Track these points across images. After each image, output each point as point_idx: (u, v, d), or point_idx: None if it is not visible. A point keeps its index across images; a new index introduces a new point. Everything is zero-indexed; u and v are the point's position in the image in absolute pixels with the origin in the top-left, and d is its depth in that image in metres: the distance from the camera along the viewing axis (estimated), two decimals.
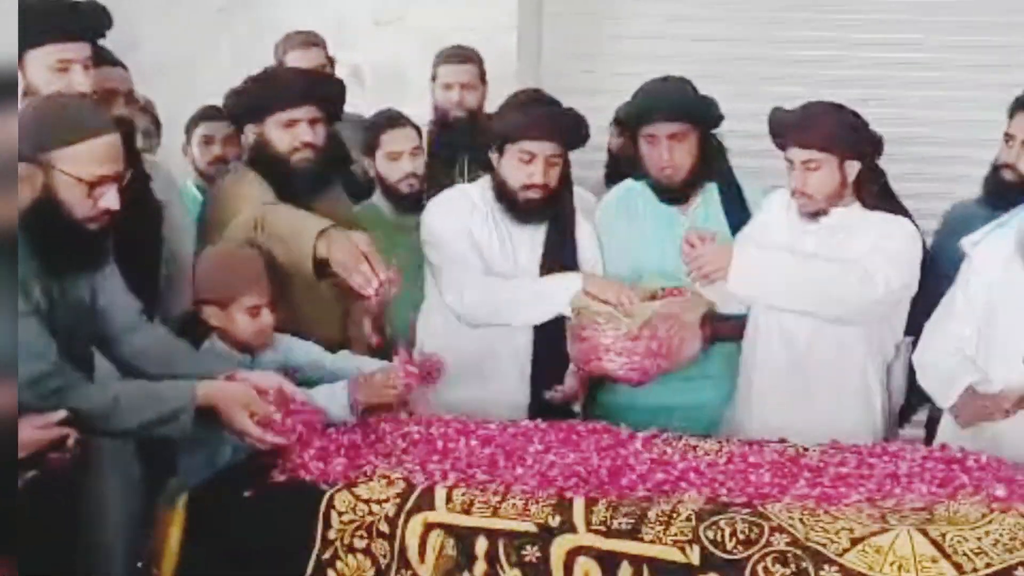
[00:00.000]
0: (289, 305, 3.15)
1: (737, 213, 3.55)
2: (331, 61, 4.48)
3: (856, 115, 3.28)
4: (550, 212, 3.45)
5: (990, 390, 3.01)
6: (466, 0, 5.16)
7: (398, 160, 3.86)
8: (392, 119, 3.97)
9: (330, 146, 3.49)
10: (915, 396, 3.43)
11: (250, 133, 3.44)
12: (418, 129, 4.01)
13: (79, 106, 2.72)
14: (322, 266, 2.99)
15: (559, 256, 3.45)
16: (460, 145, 4.21)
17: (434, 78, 4.44)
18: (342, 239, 2.96)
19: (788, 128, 3.27)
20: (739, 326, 3.43)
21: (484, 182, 3.51)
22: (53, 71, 3.01)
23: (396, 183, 3.85)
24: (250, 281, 3.03)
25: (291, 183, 3.34)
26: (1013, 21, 5.05)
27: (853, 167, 3.25)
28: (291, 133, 3.34)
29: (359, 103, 4.53)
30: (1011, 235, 3.06)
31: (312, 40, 4.44)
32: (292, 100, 3.34)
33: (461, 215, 3.44)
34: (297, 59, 4.33)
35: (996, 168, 3.50)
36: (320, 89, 3.44)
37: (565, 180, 3.47)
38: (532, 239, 3.46)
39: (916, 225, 3.35)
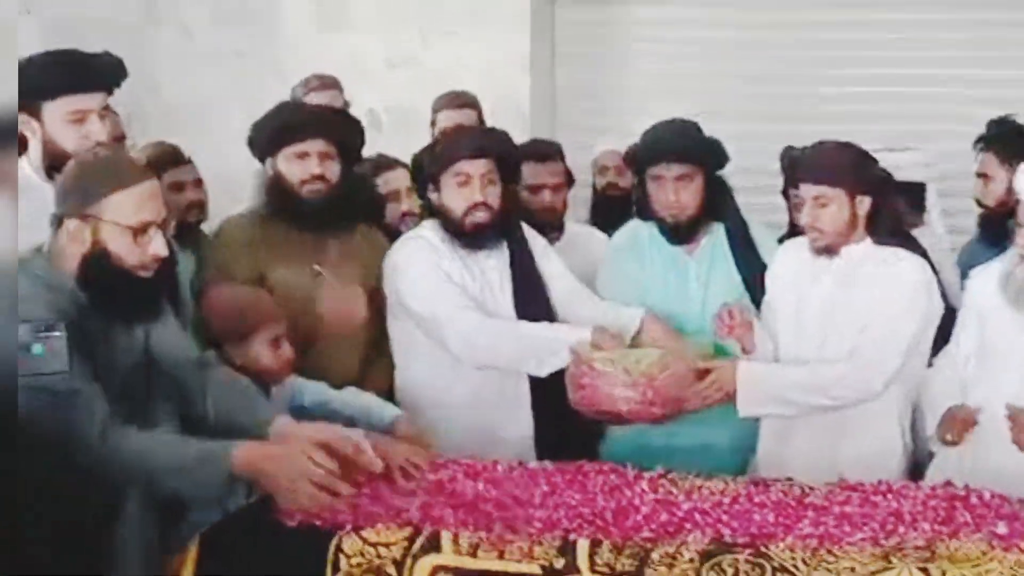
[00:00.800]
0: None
1: (744, 253, 3.57)
2: (347, 104, 4.54)
3: (865, 152, 3.32)
4: (501, 235, 3.46)
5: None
6: (479, 42, 5.23)
7: (395, 201, 3.87)
8: (381, 163, 3.99)
9: (349, 184, 3.55)
10: None
11: (268, 167, 3.52)
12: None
13: (116, 157, 2.85)
14: None
15: (527, 285, 3.48)
16: None
17: (434, 123, 4.48)
18: None
19: (799, 165, 3.33)
20: None
21: (430, 224, 3.51)
22: (69, 122, 3.08)
23: (397, 223, 3.84)
24: (267, 313, 3.11)
25: (302, 214, 3.44)
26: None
27: (864, 203, 3.28)
28: (302, 166, 3.44)
29: (375, 145, 4.61)
30: (997, 270, 3.18)
31: (329, 83, 4.52)
32: (302, 133, 3.43)
33: (431, 256, 3.42)
34: (315, 100, 4.40)
35: (979, 204, 3.59)
36: (330, 124, 3.52)
37: (510, 202, 3.50)
38: (499, 268, 3.47)
39: (927, 258, 3.39)
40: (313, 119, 3.49)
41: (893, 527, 2.53)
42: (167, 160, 4.01)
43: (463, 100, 4.50)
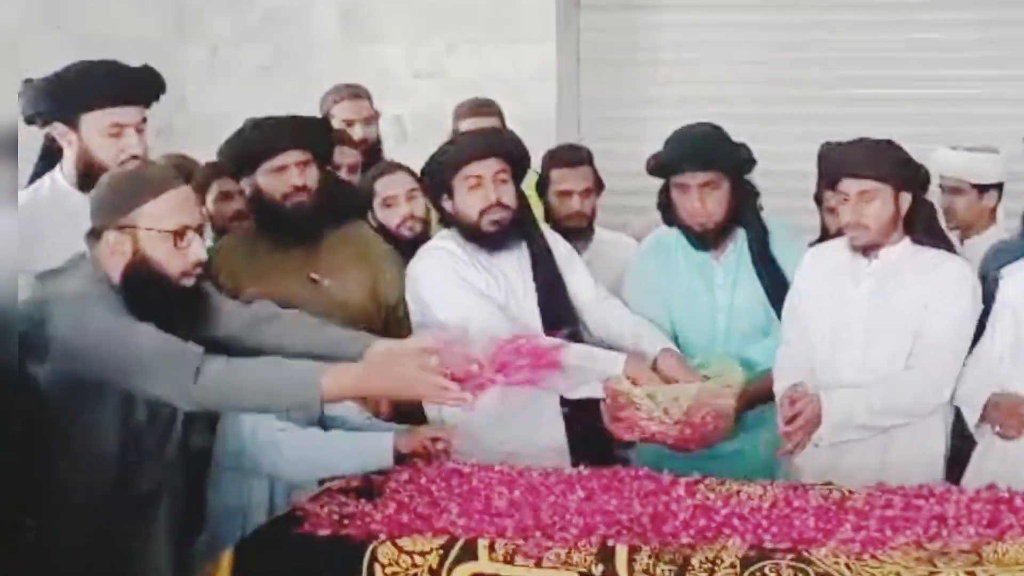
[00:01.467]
0: None
1: (762, 260, 3.51)
2: (376, 113, 4.53)
3: (902, 149, 3.29)
4: (520, 236, 3.43)
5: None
6: (504, 50, 5.22)
7: (394, 206, 3.79)
8: (383, 167, 3.95)
9: (329, 186, 3.55)
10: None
11: (247, 185, 3.53)
12: (414, 174, 3.91)
13: (148, 166, 2.89)
14: None
15: (548, 284, 3.43)
16: None
17: (456, 132, 4.40)
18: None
19: (842, 161, 3.26)
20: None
21: (448, 233, 3.47)
22: (106, 135, 3.09)
23: (397, 228, 3.77)
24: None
25: (291, 227, 3.45)
26: None
27: (906, 200, 3.25)
28: (281, 179, 3.44)
29: (400, 154, 4.60)
30: None
31: (359, 92, 4.51)
32: (276, 147, 3.43)
33: (453, 266, 3.37)
34: (344, 110, 4.41)
35: None
36: (302, 132, 3.51)
37: (524, 202, 3.46)
38: (521, 272, 3.43)
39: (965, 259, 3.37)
40: (284, 131, 3.47)
41: (936, 531, 2.50)
42: (218, 170, 4.02)
43: (484, 108, 4.47)
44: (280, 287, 3.37)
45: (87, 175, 3.11)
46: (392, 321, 3.58)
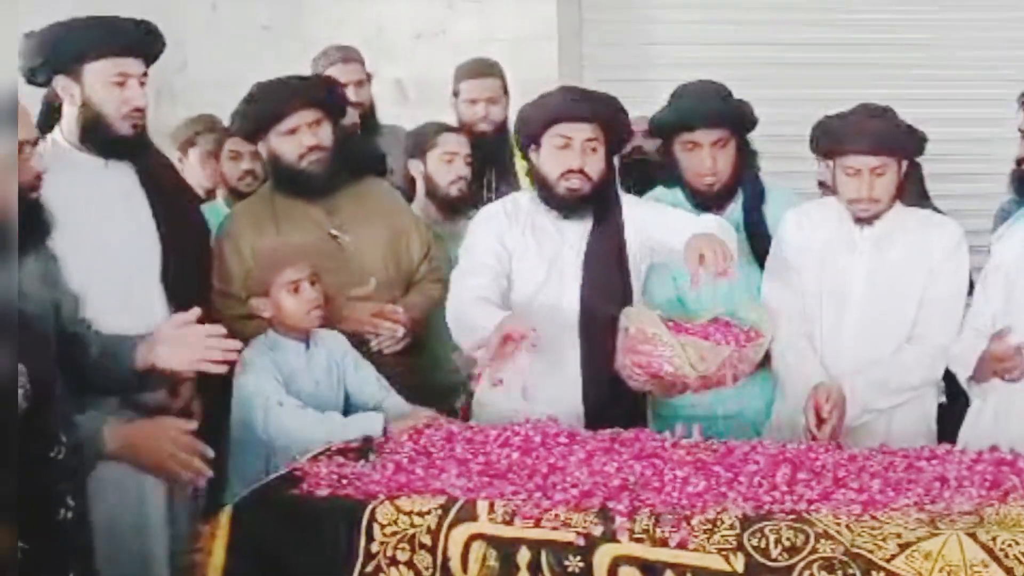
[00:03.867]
0: None
1: (753, 221, 3.48)
2: (369, 76, 4.50)
3: (904, 121, 3.26)
4: (593, 206, 3.31)
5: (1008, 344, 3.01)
6: (505, 11, 5.17)
7: (452, 162, 3.86)
8: (447, 126, 4.02)
9: (345, 142, 3.56)
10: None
11: (263, 149, 3.52)
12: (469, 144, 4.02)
13: None
14: None
15: (601, 254, 3.31)
16: (487, 159, 4.18)
17: (456, 93, 4.39)
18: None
19: (848, 135, 3.19)
20: None
21: (524, 190, 3.45)
22: (110, 84, 3.07)
23: (447, 185, 3.84)
24: (281, 260, 3.15)
25: (310, 187, 3.45)
26: None
27: (903, 168, 3.22)
28: (295, 140, 3.42)
29: (401, 115, 4.56)
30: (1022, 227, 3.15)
31: (351, 55, 4.46)
32: (285, 109, 3.41)
33: (500, 226, 3.34)
34: (336, 74, 4.35)
35: (1019, 163, 3.48)
36: (310, 92, 3.49)
37: (610, 174, 3.36)
38: (578, 237, 3.33)
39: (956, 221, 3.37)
40: (292, 92, 3.45)
41: (938, 492, 2.48)
42: (229, 131, 4.02)
43: (486, 69, 4.43)
44: (300, 244, 3.39)
45: (89, 130, 3.09)
46: (413, 279, 3.61)
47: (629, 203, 3.40)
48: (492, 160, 4.17)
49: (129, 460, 2.46)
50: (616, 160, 4.23)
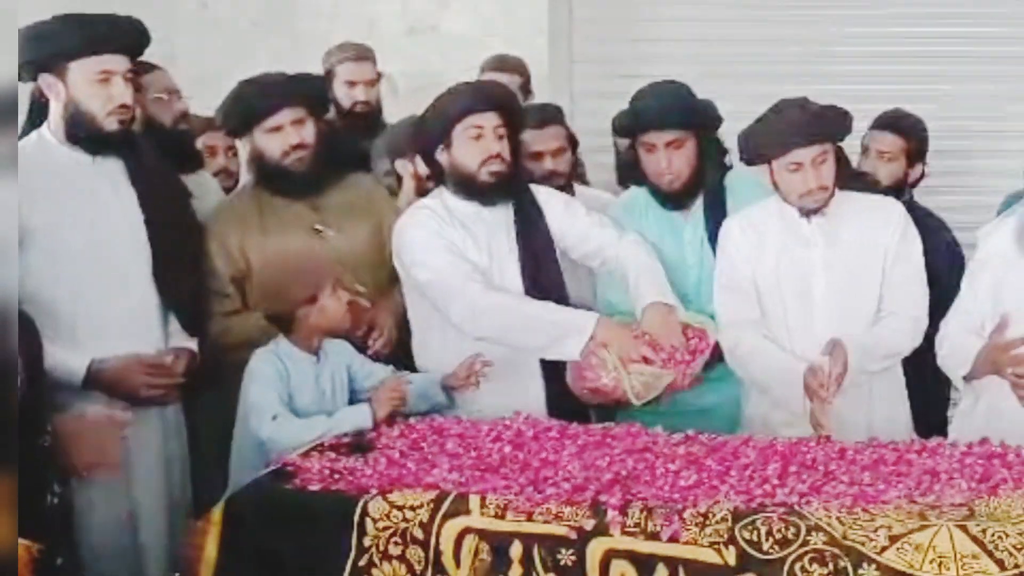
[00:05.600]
0: None
1: (713, 215, 3.50)
2: (379, 75, 4.49)
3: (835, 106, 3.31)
4: (512, 191, 3.39)
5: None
6: (497, 7, 5.16)
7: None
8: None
9: (328, 140, 3.55)
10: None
11: (247, 145, 3.53)
12: None
13: None
14: None
15: (534, 235, 3.40)
16: None
17: None
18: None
19: (785, 132, 3.21)
20: None
21: (435, 193, 3.45)
22: (94, 82, 3.07)
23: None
24: (326, 268, 3.16)
25: (293, 184, 3.45)
26: None
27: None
28: (278, 138, 3.43)
29: (392, 112, 4.56)
30: (1013, 223, 3.13)
31: (364, 53, 4.46)
32: (270, 107, 3.41)
33: (436, 226, 3.35)
34: (348, 71, 4.38)
35: None
36: (295, 90, 3.48)
37: (516, 160, 3.44)
38: (505, 223, 3.40)
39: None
40: (277, 90, 3.45)
41: (929, 485, 2.49)
42: (203, 124, 4.04)
43: (505, 64, 4.43)
44: (285, 240, 3.39)
45: (75, 128, 3.09)
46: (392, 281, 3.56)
47: (543, 192, 3.49)
48: None
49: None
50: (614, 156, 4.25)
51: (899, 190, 3.93)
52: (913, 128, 4.07)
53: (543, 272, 3.41)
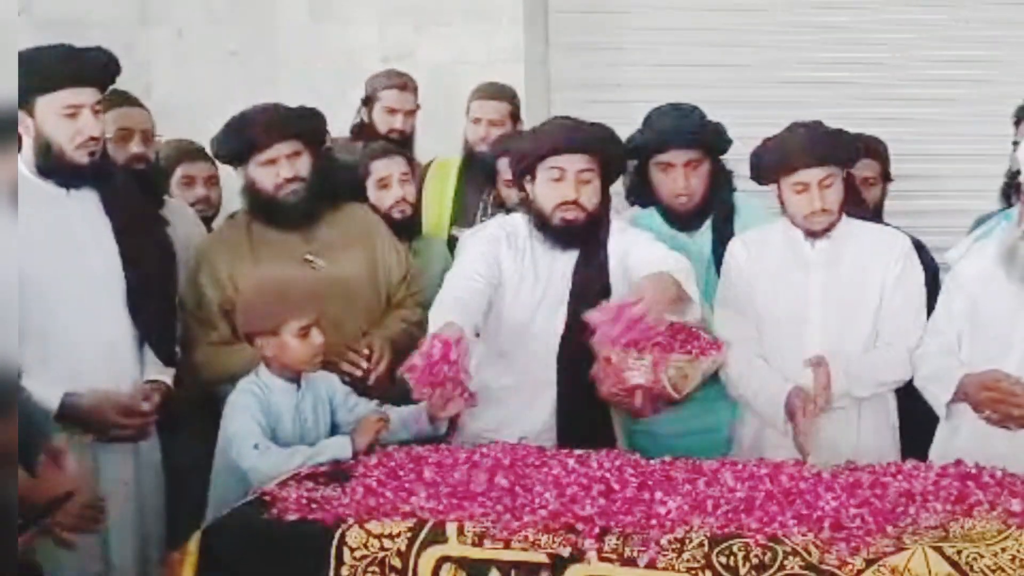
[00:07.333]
0: None
1: (722, 237, 3.52)
2: (418, 107, 4.50)
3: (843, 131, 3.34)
4: (584, 236, 3.31)
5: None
6: (472, 33, 5.18)
7: (388, 187, 3.82)
8: (379, 149, 3.97)
9: (323, 173, 3.55)
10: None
11: (241, 174, 3.53)
12: (410, 159, 4.02)
13: None
14: None
15: (587, 286, 3.30)
16: (484, 180, 4.19)
17: (468, 112, 4.42)
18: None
19: (793, 152, 3.25)
20: None
21: (520, 215, 3.42)
22: (62, 116, 3.06)
23: (388, 210, 3.80)
24: (296, 304, 3.10)
25: (286, 216, 3.46)
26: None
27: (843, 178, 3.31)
28: (273, 171, 3.43)
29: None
30: (991, 246, 3.14)
31: (407, 84, 4.47)
32: (266, 140, 3.42)
33: (498, 243, 3.33)
34: (390, 98, 4.40)
35: (1014, 175, 3.51)
36: (291, 123, 3.49)
37: (604, 204, 3.35)
38: (567, 268, 3.33)
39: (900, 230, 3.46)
40: (273, 124, 3.45)
41: (904, 508, 2.50)
42: (181, 154, 4.06)
43: (496, 92, 4.45)
44: (276, 270, 3.38)
45: (45, 161, 3.08)
46: (392, 302, 3.60)
47: (615, 230, 3.39)
48: (489, 181, 4.15)
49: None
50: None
51: (878, 213, 3.98)
52: (885, 152, 4.13)
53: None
